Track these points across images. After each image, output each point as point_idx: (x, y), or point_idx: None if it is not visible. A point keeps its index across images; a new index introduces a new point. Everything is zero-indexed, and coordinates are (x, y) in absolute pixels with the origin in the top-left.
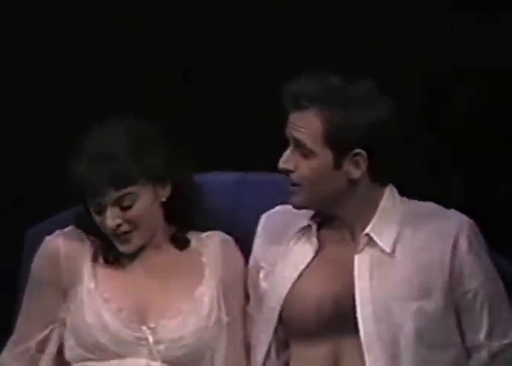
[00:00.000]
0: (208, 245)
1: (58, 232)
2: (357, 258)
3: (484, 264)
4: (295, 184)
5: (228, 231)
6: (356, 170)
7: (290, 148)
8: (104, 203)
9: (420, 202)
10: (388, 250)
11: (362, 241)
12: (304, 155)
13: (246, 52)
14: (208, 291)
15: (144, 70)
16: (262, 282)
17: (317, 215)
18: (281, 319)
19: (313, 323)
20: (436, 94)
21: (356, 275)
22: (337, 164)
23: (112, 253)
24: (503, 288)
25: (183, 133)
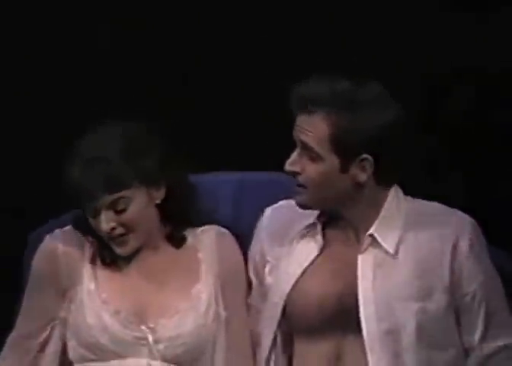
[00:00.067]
0: (203, 240)
1: (58, 230)
2: (361, 258)
3: (483, 266)
4: (301, 185)
5: (229, 231)
6: (362, 174)
7: (297, 150)
8: (98, 206)
9: (424, 201)
10: (391, 251)
11: (365, 241)
12: (311, 158)
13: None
14: (205, 288)
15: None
16: (267, 277)
17: (322, 214)
18: (285, 315)
19: (316, 320)
20: (435, 94)
21: (359, 275)
22: (343, 168)
23: (109, 255)
24: (501, 290)
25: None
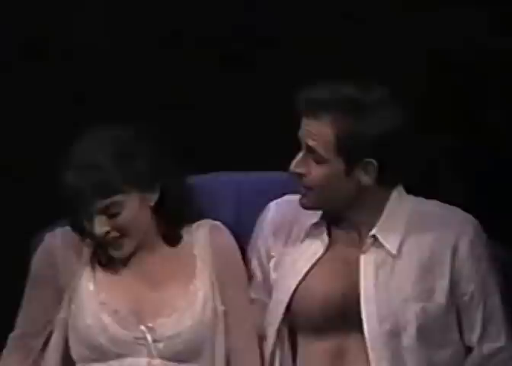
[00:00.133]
0: (197, 236)
1: (58, 230)
2: (363, 258)
3: (483, 266)
4: (305, 186)
5: (229, 230)
6: (366, 177)
7: (302, 152)
8: (91, 212)
9: (426, 200)
10: (393, 251)
11: (368, 241)
12: (316, 160)
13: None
14: (201, 284)
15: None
16: (272, 272)
17: (326, 215)
18: (289, 312)
19: (319, 318)
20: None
21: (361, 275)
22: (348, 171)
23: (105, 256)
24: (499, 291)
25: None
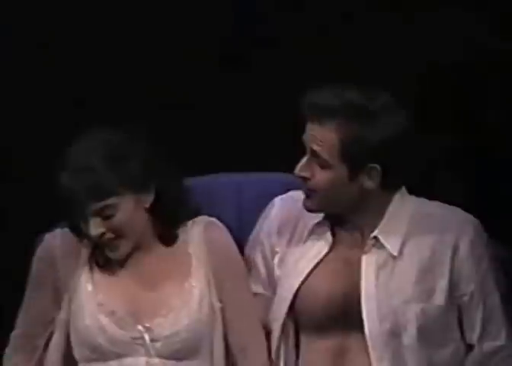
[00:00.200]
0: (192, 233)
1: (58, 230)
2: (365, 259)
3: (483, 266)
4: (310, 189)
5: (231, 232)
6: (370, 181)
7: (307, 156)
8: (86, 214)
9: (427, 201)
10: (394, 253)
11: (369, 242)
12: (320, 165)
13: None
14: (197, 282)
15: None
16: (276, 268)
17: (329, 216)
18: (292, 309)
19: (321, 317)
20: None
21: (362, 276)
22: (352, 176)
23: (102, 257)
24: (500, 290)
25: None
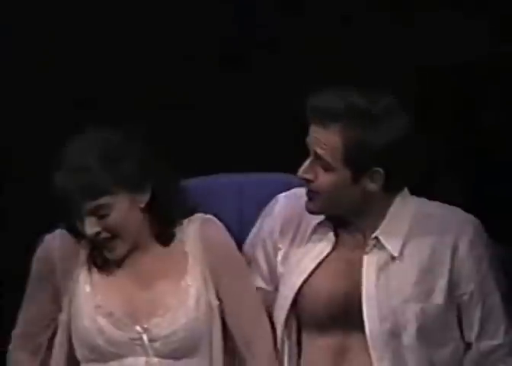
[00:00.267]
0: (188, 232)
1: (58, 231)
2: (366, 259)
3: (483, 266)
4: (312, 191)
5: (231, 232)
6: (373, 184)
7: (310, 158)
8: (82, 213)
9: (428, 202)
10: (395, 254)
11: (371, 243)
12: (324, 167)
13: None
14: (193, 280)
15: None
16: (279, 265)
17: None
18: (294, 307)
19: (323, 316)
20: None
21: (363, 276)
22: (355, 179)
23: (100, 258)
24: (500, 290)
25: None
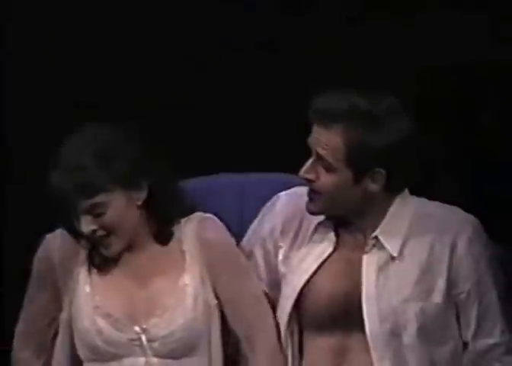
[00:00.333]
0: (186, 231)
1: (58, 231)
2: (365, 259)
3: (481, 265)
4: (314, 190)
5: (232, 232)
6: (374, 185)
7: (312, 158)
8: (77, 211)
9: (428, 202)
10: (394, 253)
11: (370, 242)
12: (325, 168)
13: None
14: (191, 280)
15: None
16: (280, 265)
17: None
18: (296, 307)
19: (324, 316)
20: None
21: (363, 276)
22: (356, 180)
23: (98, 257)
24: (497, 289)
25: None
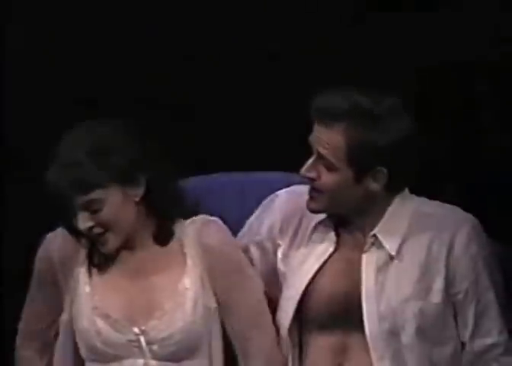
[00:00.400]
0: (188, 233)
1: (59, 230)
2: (365, 258)
3: (478, 265)
4: (316, 189)
5: (232, 232)
6: (375, 184)
7: (313, 157)
8: (74, 208)
9: (428, 201)
10: (392, 252)
11: (369, 241)
12: (327, 167)
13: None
14: (191, 283)
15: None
16: (279, 263)
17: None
18: (299, 307)
19: (325, 315)
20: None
21: (363, 275)
22: (357, 179)
23: (98, 255)
24: (495, 289)
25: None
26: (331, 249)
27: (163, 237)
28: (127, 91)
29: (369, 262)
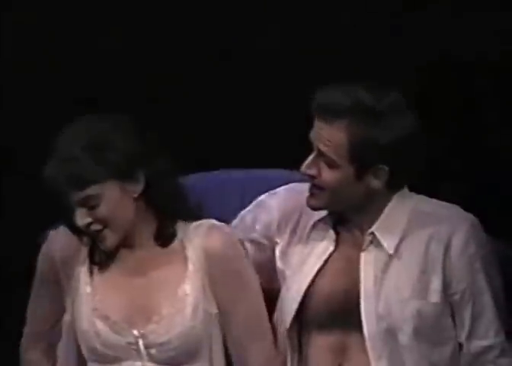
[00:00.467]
0: (192, 237)
1: (61, 228)
2: (363, 257)
3: (475, 266)
4: (316, 186)
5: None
6: (376, 181)
7: (314, 154)
8: (72, 204)
9: (427, 200)
10: (390, 251)
11: (367, 239)
12: (327, 164)
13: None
14: (192, 289)
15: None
16: (278, 260)
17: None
18: (300, 306)
19: (324, 314)
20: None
21: (361, 274)
22: (358, 176)
23: (98, 254)
24: (493, 290)
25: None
26: (331, 248)
27: (164, 237)
28: (127, 91)
29: (367, 261)
